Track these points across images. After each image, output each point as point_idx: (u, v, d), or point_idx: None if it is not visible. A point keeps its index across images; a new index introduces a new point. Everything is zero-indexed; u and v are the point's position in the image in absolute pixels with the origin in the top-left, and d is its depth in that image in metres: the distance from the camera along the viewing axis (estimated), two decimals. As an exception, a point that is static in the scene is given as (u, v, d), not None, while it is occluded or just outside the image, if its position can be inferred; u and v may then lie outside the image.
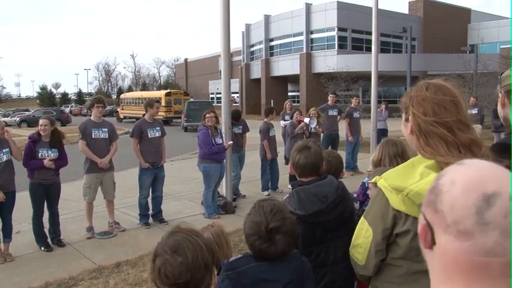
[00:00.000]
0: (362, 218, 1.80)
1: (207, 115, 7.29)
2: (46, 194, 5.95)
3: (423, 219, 0.79)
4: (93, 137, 6.40)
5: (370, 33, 12.55)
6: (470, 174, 0.75)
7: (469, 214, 0.71)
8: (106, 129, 6.54)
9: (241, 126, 8.71)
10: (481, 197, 0.71)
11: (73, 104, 69.10)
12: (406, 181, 1.54)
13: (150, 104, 7.03)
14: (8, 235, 5.63)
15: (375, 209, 1.71)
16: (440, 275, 0.76)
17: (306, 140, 2.70)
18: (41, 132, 5.87)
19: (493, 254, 0.69)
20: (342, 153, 8.19)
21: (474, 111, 11.98)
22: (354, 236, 1.85)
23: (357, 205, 3.10)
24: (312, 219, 2.37)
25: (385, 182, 1.62)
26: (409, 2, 43.29)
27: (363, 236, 1.76)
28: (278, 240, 1.89)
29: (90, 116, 6.67)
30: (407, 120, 1.67)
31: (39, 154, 5.82)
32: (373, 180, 1.74)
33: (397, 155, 2.96)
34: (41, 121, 5.96)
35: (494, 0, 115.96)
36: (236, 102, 46.10)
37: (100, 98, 6.89)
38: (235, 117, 8.44)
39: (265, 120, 9.10)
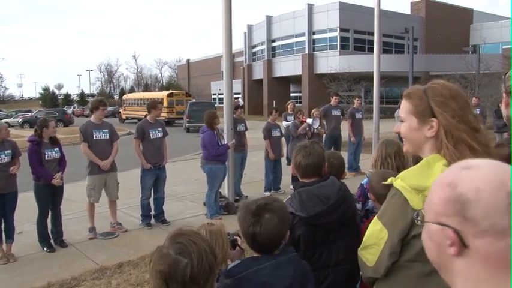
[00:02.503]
0: (375, 218, 1.76)
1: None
2: (51, 195, 5.97)
3: (448, 229, 0.82)
4: (95, 138, 6.42)
5: (372, 34, 12.51)
6: (490, 177, 0.80)
7: (503, 213, 0.76)
8: (107, 130, 6.56)
9: (243, 124, 8.73)
10: (506, 195, 0.77)
11: (75, 105, 69.20)
12: (427, 180, 1.50)
13: (154, 105, 7.05)
14: (10, 236, 5.64)
15: (391, 210, 1.67)
16: (481, 278, 0.80)
17: (308, 141, 2.70)
18: (52, 134, 5.97)
19: None
20: (344, 154, 8.19)
21: (476, 111, 11.95)
22: (365, 236, 1.80)
23: (358, 206, 3.10)
24: (313, 220, 2.36)
25: (403, 182, 1.59)
26: (411, 3, 43.24)
27: (376, 237, 1.71)
28: (266, 220, 1.90)
29: (90, 117, 6.71)
30: (424, 122, 1.64)
31: (46, 156, 5.85)
32: (389, 181, 1.71)
33: (388, 155, 2.96)
34: (51, 123, 5.99)
35: (499, 0, 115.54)
36: (240, 105, 46.01)
37: (104, 100, 7.05)
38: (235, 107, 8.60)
39: (269, 120, 9.14)
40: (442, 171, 1.50)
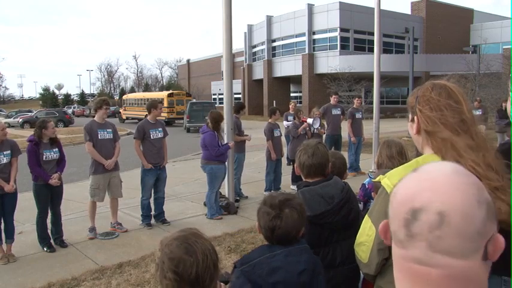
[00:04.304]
0: (366, 216, 1.81)
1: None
2: (50, 195, 5.96)
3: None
4: (100, 138, 6.44)
5: (372, 34, 12.52)
6: (408, 186, 0.77)
7: (401, 226, 0.76)
8: (110, 130, 6.60)
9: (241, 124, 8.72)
10: (410, 211, 0.74)
11: (75, 105, 69.24)
12: None
13: (154, 105, 7.04)
14: (10, 236, 5.63)
15: (378, 208, 1.72)
16: (395, 274, 0.81)
17: (312, 140, 2.69)
18: (52, 135, 5.94)
19: (427, 264, 0.73)
20: (345, 154, 8.17)
21: (478, 112, 12.02)
22: (358, 234, 1.86)
23: (360, 205, 3.10)
24: (317, 220, 2.38)
25: (389, 181, 1.63)
26: (411, 3, 43.23)
27: (366, 234, 1.77)
28: (287, 214, 1.99)
29: (93, 117, 6.70)
30: (413, 120, 1.68)
31: (44, 156, 5.84)
32: (377, 179, 1.74)
33: (391, 156, 2.97)
34: (50, 124, 5.96)
35: (502, 0, 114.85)
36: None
37: (107, 100, 7.04)
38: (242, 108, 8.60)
39: (269, 120, 9.11)
40: None
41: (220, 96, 50.92)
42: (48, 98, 76.17)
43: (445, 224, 0.71)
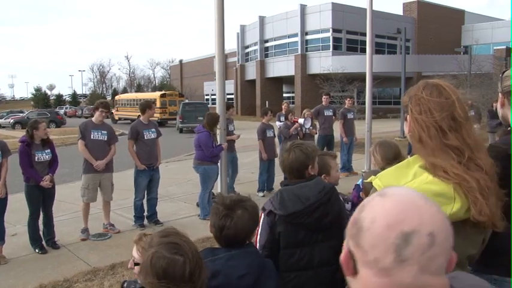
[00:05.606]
0: None
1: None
2: (42, 196, 5.92)
3: (346, 247, 0.82)
4: (92, 138, 6.41)
5: (364, 35, 12.55)
6: (390, 211, 0.76)
7: (388, 252, 0.73)
8: (106, 132, 6.56)
9: (232, 124, 8.68)
10: (400, 236, 0.73)
11: (67, 106, 68.83)
12: (399, 181, 1.54)
13: (149, 105, 7.03)
14: (1, 238, 5.59)
15: None
16: None
17: (293, 142, 2.70)
18: (44, 136, 5.89)
19: (414, 287, 0.73)
20: (337, 154, 8.19)
21: (471, 113, 12.11)
22: None
23: (348, 206, 3.08)
24: (290, 219, 2.40)
25: (380, 182, 1.63)
26: (403, 4, 43.44)
27: None
28: (237, 215, 1.96)
29: (86, 118, 6.70)
30: (406, 119, 1.69)
31: (36, 157, 5.80)
32: (369, 179, 1.75)
33: (387, 157, 2.97)
34: (41, 125, 5.91)
35: (496, 1, 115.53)
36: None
37: (106, 104, 6.92)
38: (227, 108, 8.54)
39: (262, 121, 9.13)
40: (417, 172, 1.53)
41: (213, 97, 50.81)
42: (40, 99, 75.57)
43: (436, 244, 0.72)
